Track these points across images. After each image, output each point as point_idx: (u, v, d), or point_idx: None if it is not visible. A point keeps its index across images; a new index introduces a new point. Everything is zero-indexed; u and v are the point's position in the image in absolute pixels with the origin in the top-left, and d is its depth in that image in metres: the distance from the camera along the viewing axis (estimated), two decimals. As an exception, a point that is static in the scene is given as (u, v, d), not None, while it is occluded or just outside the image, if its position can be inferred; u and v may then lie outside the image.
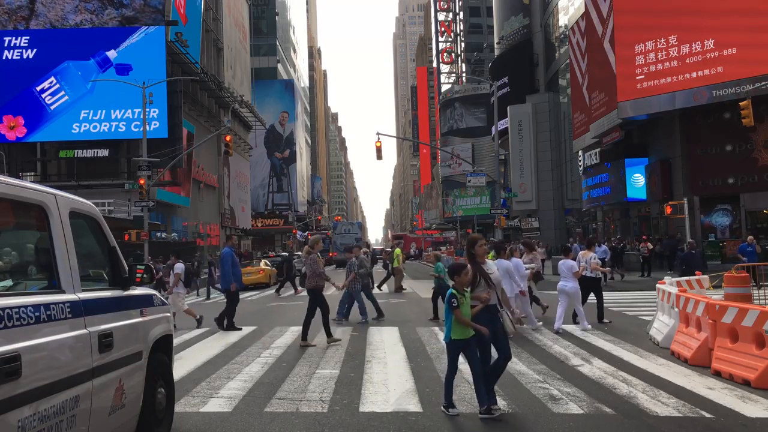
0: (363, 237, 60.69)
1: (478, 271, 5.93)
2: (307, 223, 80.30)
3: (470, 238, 6.33)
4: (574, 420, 5.68)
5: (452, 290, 5.67)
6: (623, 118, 27.56)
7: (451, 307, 5.64)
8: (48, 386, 3.18)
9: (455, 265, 5.92)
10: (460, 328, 5.68)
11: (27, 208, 3.58)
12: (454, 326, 5.70)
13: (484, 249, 6.19)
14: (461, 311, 5.63)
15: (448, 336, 5.78)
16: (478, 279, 5.90)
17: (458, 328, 5.68)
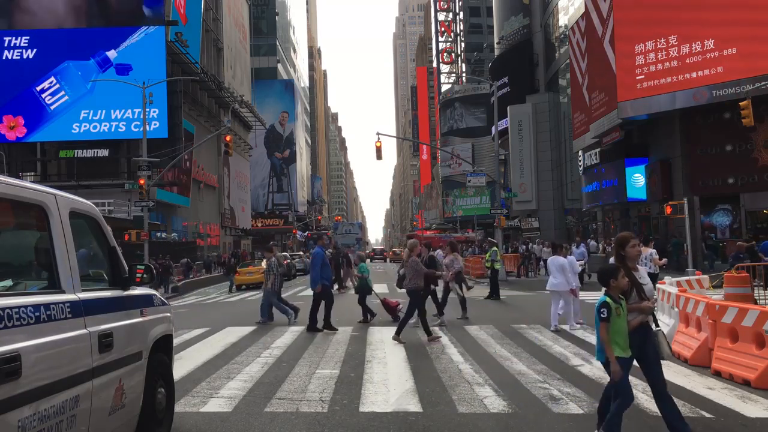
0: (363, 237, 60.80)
1: (630, 278, 4.76)
2: (307, 223, 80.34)
3: (621, 237, 5.10)
4: (574, 420, 5.68)
5: (605, 298, 4.61)
6: (623, 118, 27.55)
7: (599, 318, 4.58)
8: (48, 386, 3.18)
9: (607, 269, 4.83)
10: (616, 344, 4.57)
11: (27, 208, 3.58)
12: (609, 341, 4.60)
13: (637, 251, 5.03)
14: (615, 324, 4.55)
15: (603, 354, 4.62)
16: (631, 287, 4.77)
17: (614, 343, 4.57)
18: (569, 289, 11.26)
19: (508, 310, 15.28)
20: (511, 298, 18.26)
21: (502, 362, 8.41)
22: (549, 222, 45.54)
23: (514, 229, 47.63)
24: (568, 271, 11.19)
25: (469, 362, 8.44)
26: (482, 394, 6.68)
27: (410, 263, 10.59)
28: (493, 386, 7.00)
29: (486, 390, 6.84)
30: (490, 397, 6.51)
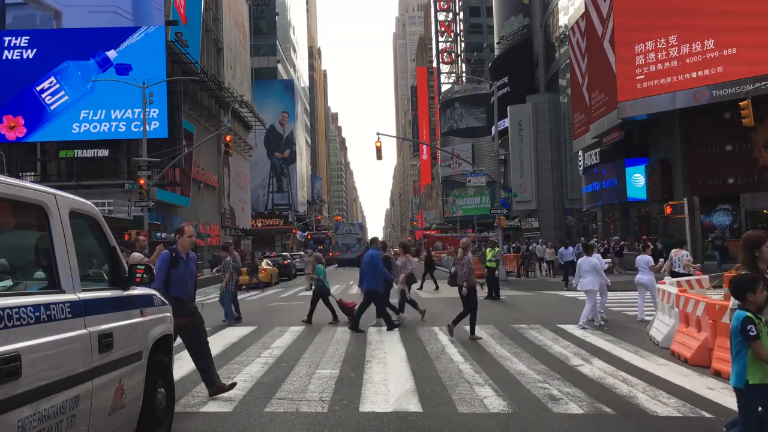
0: (364, 237, 60.88)
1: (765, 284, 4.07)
2: (307, 223, 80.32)
3: (753, 237, 4.47)
4: (574, 420, 5.68)
5: (745, 313, 3.97)
6: (623, 118, 27.56)
7: (747, 337, 3.91)
8: (48, 386, 3.18)
9: (744, 280, 4.12)
10: (761, 369, 3.94)
11: (27, 208, 3.58)
12: (751, 364, 3.95)
13: None
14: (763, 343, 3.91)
15: (742, 379, 3.98)
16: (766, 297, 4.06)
17: (758, 367, 3.94)
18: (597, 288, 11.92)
19: (508, 310, 15.28)
20: (511, 298, 18.26)
21: (502, 362, 8.41)
22: (549, 222, 45.53)
23: (514, 229, 47.62)
24: (600, 270, 11.91)
25: (469, 362, 8.44)
26: (482, 394, 6.68)
27: (464, 261, 10.97)
28: (493, 386, 7.00)
29: (486, 390, 6.84)
30: (490, 397, 6.51)
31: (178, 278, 6.42)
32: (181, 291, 6.40)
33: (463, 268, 10.86)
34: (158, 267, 6.30)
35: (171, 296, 6.02)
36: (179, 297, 6.25)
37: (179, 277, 6.41)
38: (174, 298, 6.05)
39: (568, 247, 22.80)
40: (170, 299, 5.85)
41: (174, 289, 6.29)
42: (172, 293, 6.20)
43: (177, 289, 6.35)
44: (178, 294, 6.31)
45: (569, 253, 21.56)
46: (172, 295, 6.06)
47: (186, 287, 6.47)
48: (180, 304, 6.17)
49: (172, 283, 6.35)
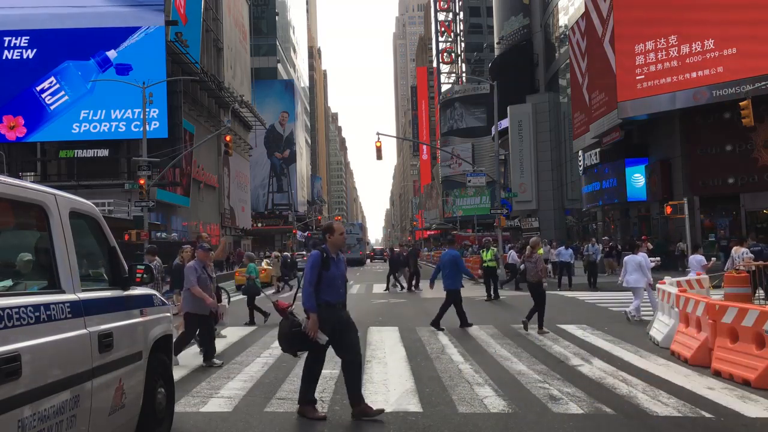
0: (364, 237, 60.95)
1: None
2: (307, 223, 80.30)
3: None
4: (574, 420, 5.68)
5: None
6: (623, 118, 27.56)
7: None
8: (48, 386, 3.18)
9: None
10: None
11: (27, 208, 3.58)
12: None
13: None
14: None
15: None
16: None
17: None
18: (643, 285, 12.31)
19: (508, 310, 15.27)
20: (511, 298, 18.25)
21: (502, 362, 8.41)
22: (549, 222, 45.55)
23: (515, 229, 47.63)
24: (645, 268, 12.24)
25: (469, 362, 8.44)
26: (482, 394, 6.68)
27: (534, 259, 11.53)
28: (493, 386, 7.00)
29: (486, 390, 6.84)
30: (490, 397, 6.51)
31: (329, 280, 5.82)
32: (332, 295, 5.83)
33: (533, 266, 11.45)
34: (308, 268, 5.78)
35: (321, 301, 5.71)
36: (330, 301, 5.79)
37: (331, 280, 5.84)
38: (325, 303, 5.73)
39: (568, 248, 22.86)
40: (320, 304, 5.64)
41: (325, 293, 5.78)
42: (323, 297, 5.76)
43: (328, 292, 5.81)
44: (330, 298, 5.80)
45: (568, 253, 21.60)
46: (323, 300, 5.72)
47: (338, 290, 5.92)
48: (331, 309, 5.78)
49: (323, 286, 5.80)
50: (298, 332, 5.72)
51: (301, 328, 5.70)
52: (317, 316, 5.66)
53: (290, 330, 5.79)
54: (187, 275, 8.46)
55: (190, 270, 8.49)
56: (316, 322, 5.64)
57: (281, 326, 5.93)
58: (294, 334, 5.76)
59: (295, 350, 5.97)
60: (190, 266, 8.58)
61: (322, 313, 5.69)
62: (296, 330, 5.74)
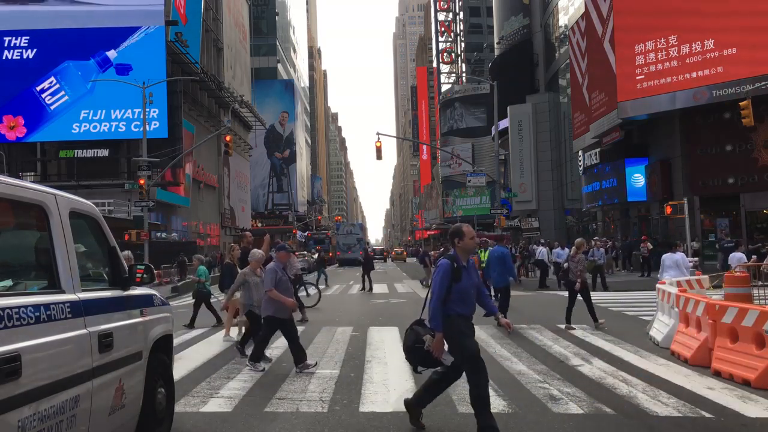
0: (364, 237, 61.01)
1: None
2: (307, 223, 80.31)
3: None
4: (574, 420, 5.68)
5: None
6: (623, 118, 27.57)
7: None
8: (48, 386, 3.18)
9: None
10: None
11: (27, 208, 3.58)
12: None
13: None
14: None
15: None
16: None
17: None
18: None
19: (508, 310, 15.25)
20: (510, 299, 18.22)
21: (502, 362, 8.40)
22: (549, 222, 45.56)
23: (514, 229, 47.64)
24: (682, 266, 12.57)
25: (469, 362, 8.43)
26: (482, 394, 6.66)
27: (578, 259, 11.80)
28: (493, 386, 6.99)
29: (486, 390, 6.83)
30: (490, 397, 6.50)
31: (461, 292, 5.13)
32: (465, 307, 5.16)
33: (577, 265, 11.75)
34: (438, 280, 5.09)
35: (453, 313, 5.08)
36: (464, 314, 5.14)
37: (462, 291, 5.14)
38: (458, 316, 5.09)
39: (564, 248, 22.93)
40: (452, 317, 5.03)
41: (456, 305, 5.11)
42: (455, 310, 5.10)
43: (460, 304, 5.12)
44: (463, 310, 5.14)
45: (564, 254, 21.66)
46: (454, 312, 5.08)
47: (471, 302, 5.24)
48: (466, 320, 5.15)
49: (453, 299, 5.11)
50: (420, 349, 5.11)
51: (424, 346, 5.07)
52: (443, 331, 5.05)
53: (413, 344, 5.18)
54: (266, 278, 8.13)
55: (270, 272, 8.11)
56: (442, 342, 5.04)
57: (406, 335, 5.34)
58: (415, 350, 5.16)
59: (416, 366, 5.36)
60: (270, 268, 8.20)
61: (459, 325, 5.05)
62: (418, 347, 5.12)
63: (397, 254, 74.81)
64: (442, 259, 5.23)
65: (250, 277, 9.06)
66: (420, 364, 5.32)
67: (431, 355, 5.05)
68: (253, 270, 9.15)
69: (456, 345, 5.07)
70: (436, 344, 5.02)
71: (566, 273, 12.05)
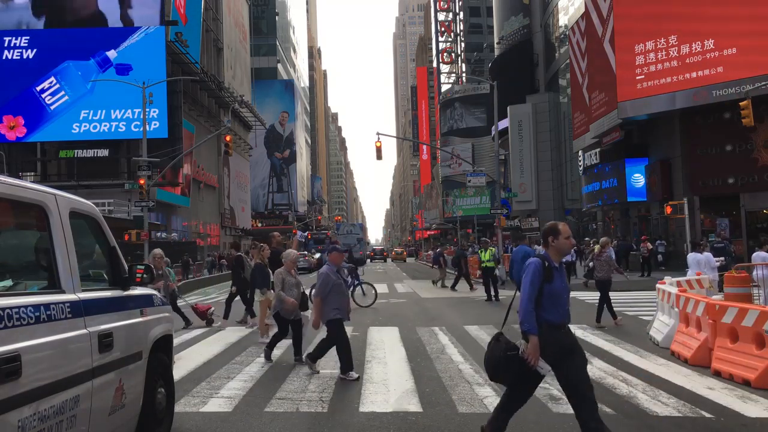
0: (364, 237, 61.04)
1: None
2: (307, 223, 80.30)
3: None
4: (574, 420, 5.66)
5: None
6: (623, 118, 27.56)
7: None
8: (48, 386, 3.18)
9: None
10: None
11: (27, 208, 3.58)
12: None
13: None
14: None
15: None
16: None
17: None
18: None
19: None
20: (510, 299, 18.22)
21: (502, 362, 8.39)
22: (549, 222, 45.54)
23: (514, 229, 47.61)
24: (704, 266, 12.81)
25: (469, 362, 8.43)
26: (482, 394, 6.68)
27: (603, 258, 12.09)
28: (493, 386, 7.00)
29: (486, 390, 6.84)
30: (490, 397, 6.51)
31: (552, 296, 4.57)
32: (556, 314, 4.56)
33: (603, 264, 12.01)
34: (528, 281, 4.55)
35: (541, 320, 4.50)
36: (555, 322, 4.54)
37: (554, 295, 4.58)
38: (546, 324, 4.49)
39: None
40: (542, 326, 4.46)
41: (547, 311, 4.53)
42: (545, 317, 4.51)
43: (551, 311, 4.54)
44: (554, 318, 4.54)
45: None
46: (543, 319, 4.51)
47: (563, 308, 4.63)
48: (555, 331, 4.52)
49: (543, 302, 4.55)
50: (515, 357, 4.46)
51: (519, 352, 4.45)
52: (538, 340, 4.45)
53: (505, 354, 4.51)
54: (318, 283, 7.74)
55: (323, 277, 7.69)
56: (538, 347, 4.40)
57: (491, 348, 4.64)
58: (509, 358, 4.49)
59: (509, 379, 4.68)
60: (323, 272, 7.74)
61: (545, 336, 4.46)
62: (512, 354, 4.48)
63: (397, 254, 74.86)
64: (531, 258, 4.71)
65: (285, 276, 8.77)
66: (513, 378, 4.61)
67: (527, 364, 4.43)
68: (288, 270, 8.87)
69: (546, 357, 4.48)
70: (532, 350, 4.39)
71: (591, 272, 12.30)
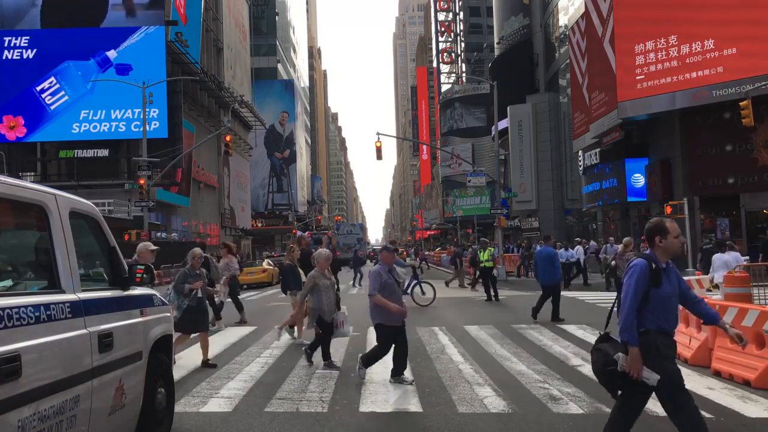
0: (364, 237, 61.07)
1: None
2: (307, 223, 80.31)
3: None
4: (574, 420, 5.68)
5: None
6: (623, 118, 27.55)
7: None
8: (48, 386, 3.18)
9: None
10: None
11: (27, 208, 3.58)
12: None
13: None
14: None
15: None
16: None
17: None
18: None
19: (508, 310, 15.28)
20: (511, 299, 18.25)
21: (502, 362, 8.41)
22: (549, 222, 45.54)
23: (514, 229, 47.61)
24: (734, 266, 12.92)
25: (469, 362, 8.44)
26: (482, 394, 6.68)
27: (626, 257, 12.32)
28: (493, 386, 7.00)
29: (486, 390, 6.84)
30: (490, 397, 6.51)
31: (660, 301, 4.07)
32: (666, 321, 4.11)
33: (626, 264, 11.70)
34: (633, 284, 4.03)
35: (651, 328, 4.04)
36: (664, 329, 4.09)
37: (662, 300, 4.07)
38: (657, 332, 4.06)
39: (568, 249, 22.93)
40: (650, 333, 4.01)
41: (654, 318, 4.06)
42: (652, 323, 4.06)
43: (659, 316, 4.07)
44: (663, 324, 4.08)
45: (567, 254, 21.67)
46: (653, 327, 4.04)
47: (673, 314, 4.17)
48: (666, 337, 4.14)
49: (650, 308, 4.06)
50: (615, 372, 4.05)
51: (617, 367, 4.03)
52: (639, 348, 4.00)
53: (603, 368, 4.15)
54: (370, 281, 7.45)
55: (374, 275, 7.38)
56: (639, 359, 3.97)
57: (594, 361, 4.27)
58: (610, 374, 4.10)
59: (616, 391, 4.29)
60: (374, 271, 7.43)
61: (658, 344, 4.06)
62: (612, 369, 4.07)
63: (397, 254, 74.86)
64: (636, 259, 4.22)
65: (319, 279, 8.28)
66: (621, 389, 4.25)
67: (629, 376, 4.03)
68: (321, 272, 8.42)
69: (654, 370, 4.03)
70: (632, 362, 3.98)
71: (614, 271, 12.42)
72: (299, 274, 10.79)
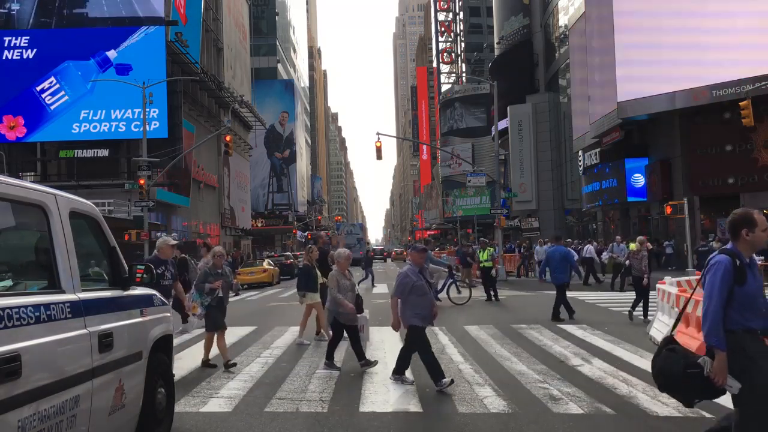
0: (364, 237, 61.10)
1: None
2: (307, 223, 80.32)
3: None
4: (574, 420, 5.68)
5: None
6: (623, 118, 27.59)
7: None
8: (48, 386, 3.18)
9: None
10: None
11: (27, 208, 3.58)
12: None
13: None
14: None
15: None
16: None
17: None
18: None
19: (508, 310, 15.28)
20: (511, 299, 18.25)
21: (502, 362, 8.41)
22: (549, 222, 45.56)
23: (515, 229, 47.62)
24: None
25: (469, 362, 8.44)
26: (482, 394, 6.68)
27: (640, 256, 12.59)
28: (493, 386, 7.00)
29: (486, 390, 6.84)
30: (490, 397, 6.51)
31: (746, 299, 3.75)
32: (753, 318, 3.76)
33: (640, 262, 12.50)
34: (717, 283, 3.73)
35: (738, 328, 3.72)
36: (753, 328, 3.75)
37: (748, 297, 3.75)
38: (744, 332, 3.72)
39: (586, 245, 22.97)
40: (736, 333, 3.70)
41: (740, 316, 3.74)
42: (739, 323, 3.73)
43: (746, 314, 3.75)
44: (751, 323, 3.75)
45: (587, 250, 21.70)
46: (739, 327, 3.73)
47: (760, 311, 3.78)
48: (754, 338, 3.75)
49: (735, 306, 3.74)
50: (698, 376, 3.72)
51: (703, 371, 3.71)
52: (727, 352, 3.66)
53: (684, 370, 3.78)
54: (396, 284, 7.21)
55: (401, 278, 7.12)
56: (725, 365, 3.64)
57: (665, 358, 3.92)
58: (691, 377, 3.76)
59: (691, 398, 3.96)
60: (402, 272, 7.20)
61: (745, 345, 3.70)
62: (694, 373, 3.74)
63: (397, 254, 74.95)
64: (718, 255, 3.87)
65: (341, 279, 8.15)
66: (698, 397, 3.94)
67: (711, 382, 3.70)
68: (342, 272, 8.26)
69: (742, 373, 3.66)
70: (719, 368, 3.66)
71: (628, 270, 12.86)
72: (316, 276, 10.67)
